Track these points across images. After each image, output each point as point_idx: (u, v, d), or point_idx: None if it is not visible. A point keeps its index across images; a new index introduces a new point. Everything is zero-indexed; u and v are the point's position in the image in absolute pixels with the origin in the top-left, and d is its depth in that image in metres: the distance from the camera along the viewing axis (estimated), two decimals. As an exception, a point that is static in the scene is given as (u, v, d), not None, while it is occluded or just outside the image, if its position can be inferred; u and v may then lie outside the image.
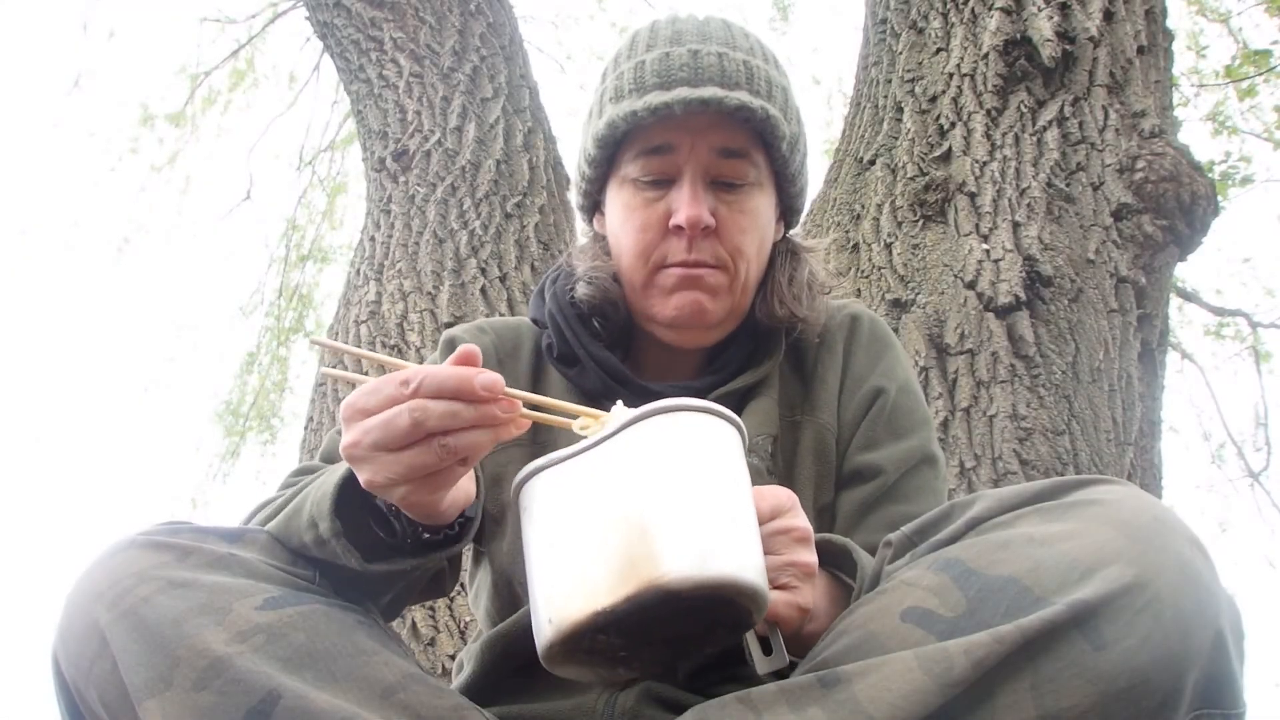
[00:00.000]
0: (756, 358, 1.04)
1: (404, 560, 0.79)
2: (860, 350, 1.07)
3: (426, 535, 0.79)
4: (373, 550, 0.78)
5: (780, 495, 0.77)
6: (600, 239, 1.05)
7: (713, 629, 0.68)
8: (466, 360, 0.68)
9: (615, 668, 0.70)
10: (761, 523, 0.73)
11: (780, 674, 0.77)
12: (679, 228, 0.95)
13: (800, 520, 0.76)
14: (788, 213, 1.07)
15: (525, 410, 0.71)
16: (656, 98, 0.93)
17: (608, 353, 1.01)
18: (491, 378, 0.67)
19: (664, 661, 0.72)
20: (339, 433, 0.85)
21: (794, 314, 1.03)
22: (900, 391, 1.04)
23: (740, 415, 0.94)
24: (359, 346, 2.53)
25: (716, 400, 0.84)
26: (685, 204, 0.95)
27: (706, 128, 0.95)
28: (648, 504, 0.64)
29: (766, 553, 0.72)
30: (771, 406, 1.02)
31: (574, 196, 1.08)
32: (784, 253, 1.06)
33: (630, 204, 0.99)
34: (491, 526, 1.01)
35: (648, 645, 0.68)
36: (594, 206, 1.06)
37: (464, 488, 0.76)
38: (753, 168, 0.97)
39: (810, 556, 0.76)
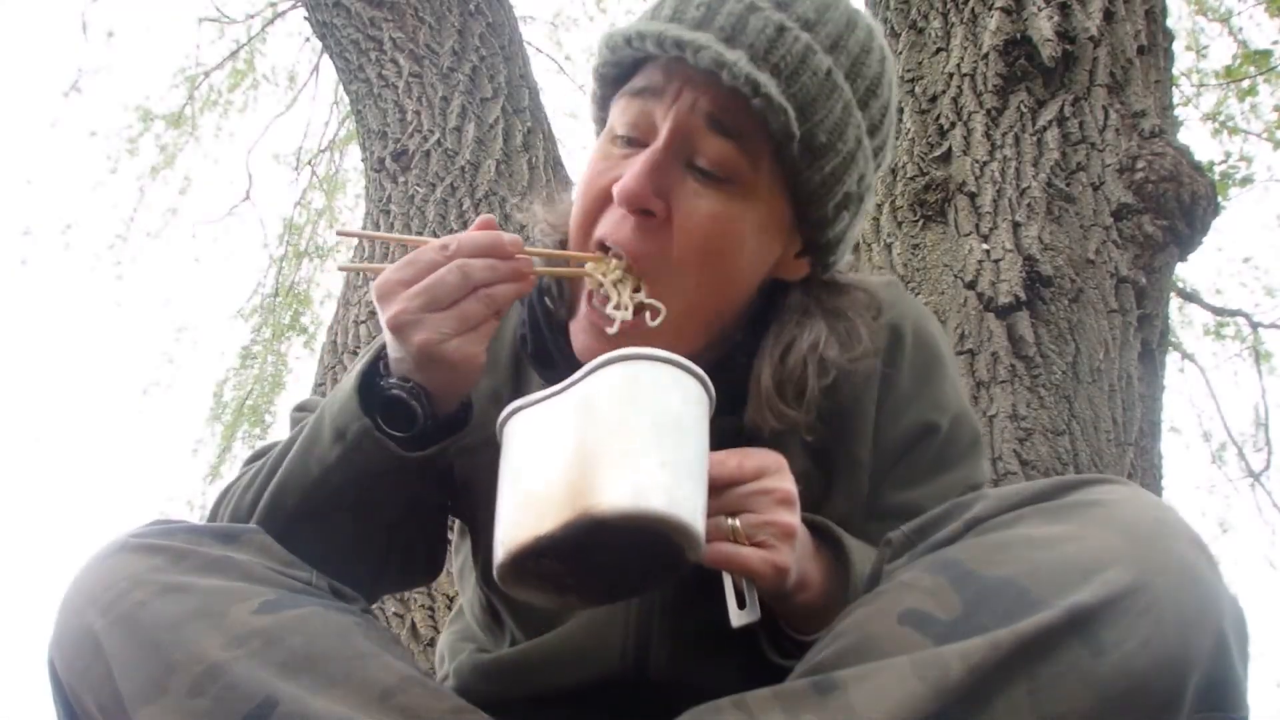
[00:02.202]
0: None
1: (431, 446, 0.82)
2: (904, 368, 0.92)
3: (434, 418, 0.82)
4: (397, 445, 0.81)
5: (767, 457, 0.76)
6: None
7: (650, 563, 0.71)
8: (487, 225, 0.78)
9: (564, 594, 0.73)
10: (745, 482, 0.74)
11: (753, 631, 0.78)
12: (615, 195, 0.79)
13: (784, 483, 0.76)
14: (813, 249, 0.85)
15: (539, 268, 0.81)
16: (646, 25, 0.77)
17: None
18: (514, 237, 0.77)
19: (608, 592, 0.76)
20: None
21: (785, 417, 0.83)
22: (953, 423, 0.92)
23: None
24: (359, 348, 2.53)
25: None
26: (629, 172, 0.78)
27: (701, 83, 0.77)
28: (594, 440, 0.69)
29: (747, 511, 0.75)
30: (790, 441, 0.87)
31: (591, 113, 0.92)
32: (793, 308, 0.85)
33: (595, 155, 0.85)
34: (474, 529, 1.01)
35: (591, 574, 0.72)
36: None
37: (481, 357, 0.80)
38: (744, 159, 0.78)
39: (791, 518, 0.75)
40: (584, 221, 0.84)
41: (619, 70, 0.84)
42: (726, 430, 0.81)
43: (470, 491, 0.97)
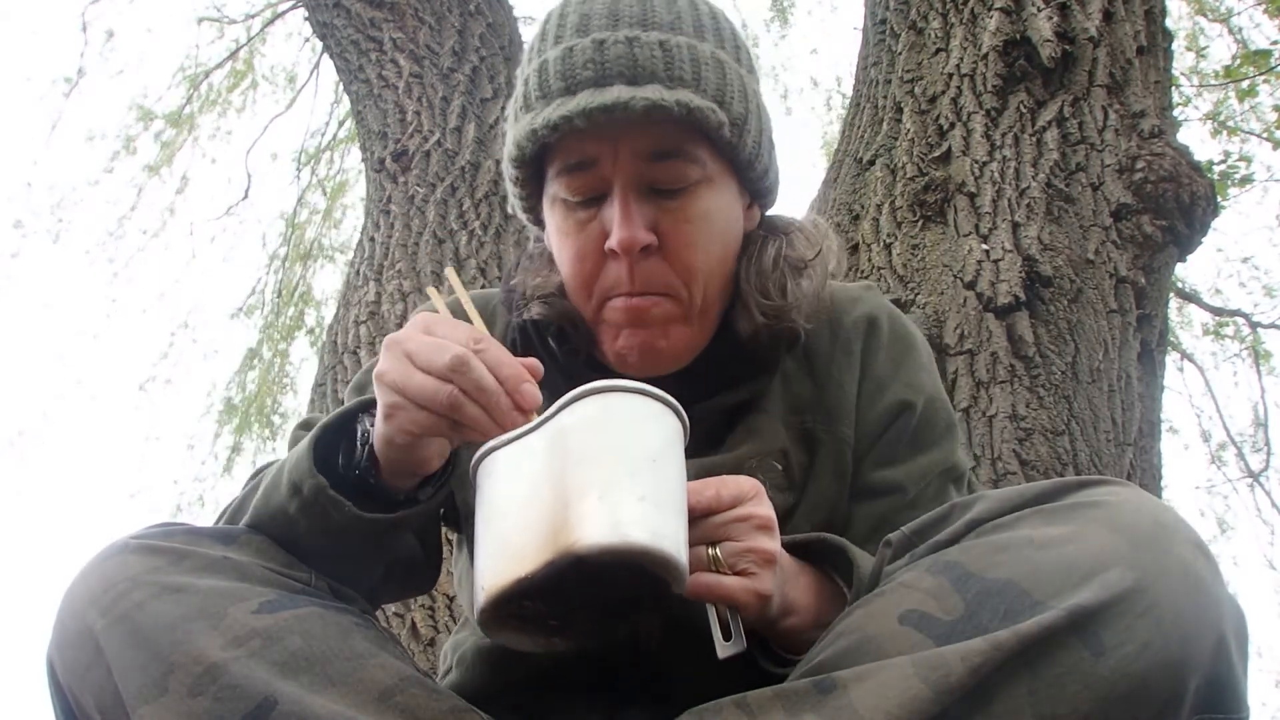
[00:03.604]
0: (745, 373, 0.95)
1: (386, 511, 0.80)
2: (880, 352, 0.98)
3: (386, 490, 0.81)
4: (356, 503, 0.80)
5: (743, 484, 0.77)
6: (551, 256, 0.97)
7: (635, 599, 0.71)
8: (533, 370, 0.75)
9: (550, 636, 0.73)
10: (723, 510, 0.75)
11: (744, 678, 0.78)
12: (615, 252, 0.85)
13: (762, 509, 0.76)
14: (758, 196, 0.96)
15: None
16: (557, 109, 0.82)
17: (581, 366, 0.95)
18: (535, 397, 0.73)
19: (592, 631, 0.74)
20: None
21: (772, 312, 0.92)
22: (927, 404, 0.98)
23: (733, 431, 0.95)
24: (359, 348, 2.53)
25: (699, 414, 0.86)
26: (617, 224, 0.84)
27: (627, 132, 0.83)
28: (570, 476, 0.68)
29: (727, 540, 0.75)
30: (770, 423, 0.95)
31: (515, 210, 0.98)
32: (755, 241, 0.95)
33: (563, 228, 0.89)
34: (467, 529, 1.01)
35: (574, 614, 0.71)
36: (539, 221, 0.96)
37: (443, 452, 0.80)
38: (693, 165, 0.86)
39: (771, 544, 0.76)
40: (586, 283, 0.90)
41: (540, 158, 0.89)
42: (715, 410, 0.94)
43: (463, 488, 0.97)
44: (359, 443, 0.81)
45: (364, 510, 0.78)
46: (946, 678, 0.61)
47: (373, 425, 0.79)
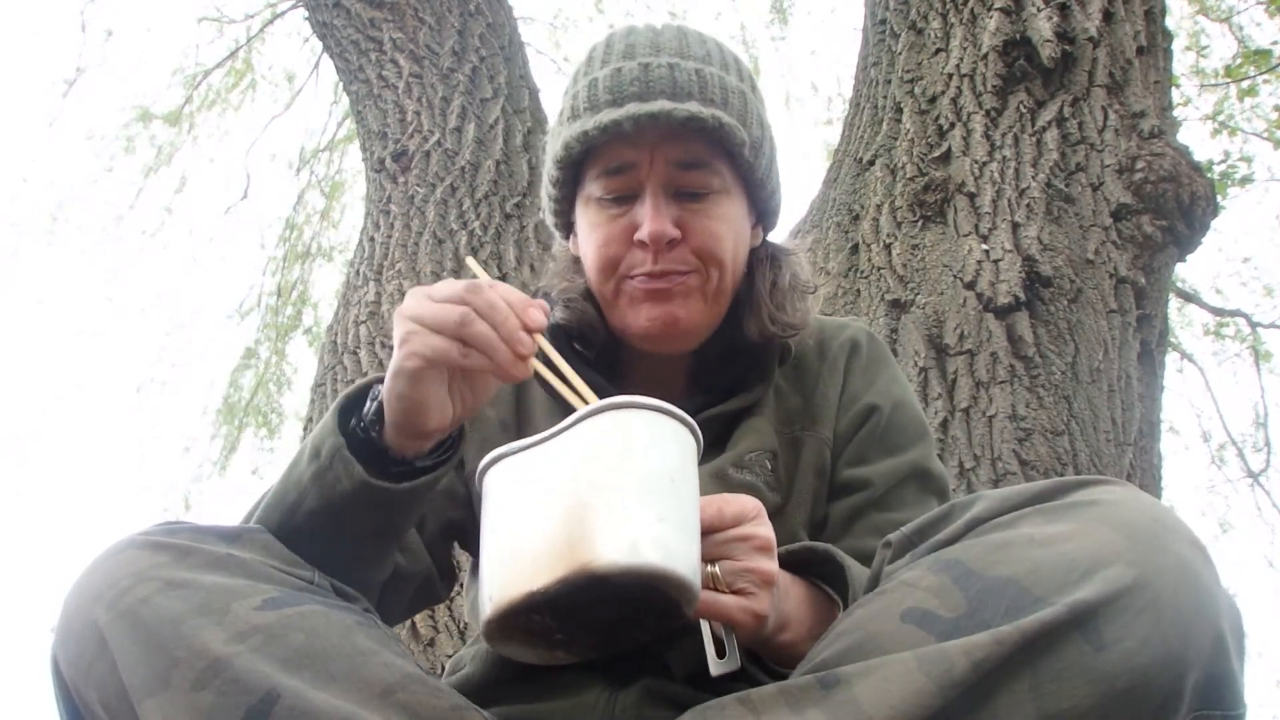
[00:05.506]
0: (750, 381, 1.04)
1: (397, 480, 0.82)
2: (858, 369, 1.09)
3: (400, 456, 0.83)
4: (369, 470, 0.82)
5: (745, 503, 0.78)
6: (575, 259, 1.06)
7: (644, 617, 0.71)
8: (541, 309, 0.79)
9: (554, 650, 0.73)
10: (724, 529, 0.75)
11: (736, 676, 0.79)
12: (643, 242, 0.95)
13: (762, 529, 0.77)
14: (763, 217, 1.07)
15: (536, 362, 0.79)
16: (607, 115, 0.93)
17: (593, 373, 1.01)
18: (540, 320, 0.78)
19: (598, 646, 0.74)
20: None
21: (782, 323, 1.03)
22: (894, 409, 1.05)
23: (733, 435, 1.02)
24: (359, 348, 2.53)
25: (706, 420, 0.98)
26: (648, 218, 0.95)
27: (662, 142, 0.95)
28: (588, 492, 0.68)
29: (726, 558, 0.75)
30: (765, 425, 1.03)
31: (546, 216, 1.09)
32: (764, 259, 1.06)
33: (595, 221, 0.99)
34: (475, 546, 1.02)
35: (582, 628, 0.71)
36: (567, 226, 1.06)
37: (444, 409, 0.81)
38: (715, 176, 0.97)
39: (769, 564, 0.77)
40: (609, 265, 0.99)
41: (581, 163, 0.99)
42: (720, 417, 1.02)
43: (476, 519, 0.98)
44: (369, 399, 0.84)
45: (372, 476, 0.81)
46: (949, 672, 0.61)
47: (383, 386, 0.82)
